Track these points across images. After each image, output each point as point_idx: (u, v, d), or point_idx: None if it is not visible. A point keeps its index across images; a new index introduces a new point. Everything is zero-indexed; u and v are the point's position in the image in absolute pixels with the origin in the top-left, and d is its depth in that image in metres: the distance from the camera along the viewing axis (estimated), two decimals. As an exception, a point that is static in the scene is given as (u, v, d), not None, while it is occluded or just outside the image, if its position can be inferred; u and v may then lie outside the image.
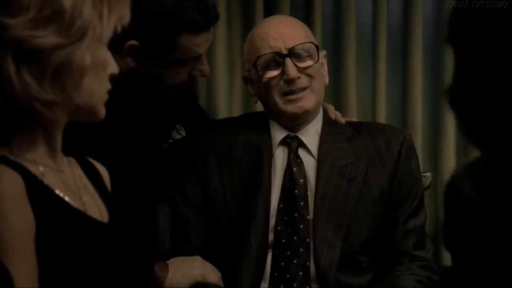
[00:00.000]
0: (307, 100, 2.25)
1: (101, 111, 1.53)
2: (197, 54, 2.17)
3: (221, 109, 2.95)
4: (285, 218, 2.23)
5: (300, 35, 2.26)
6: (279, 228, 2.23)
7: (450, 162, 3.00)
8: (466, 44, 1.09)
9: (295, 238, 2.22)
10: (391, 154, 2.29)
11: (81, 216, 1.51)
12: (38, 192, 1.45)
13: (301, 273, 2.21)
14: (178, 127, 2.51)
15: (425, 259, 2.31)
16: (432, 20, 3.06)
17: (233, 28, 2.97)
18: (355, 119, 2.57)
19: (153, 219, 2.46)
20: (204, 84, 2.94)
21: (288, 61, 2.22)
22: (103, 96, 1.53)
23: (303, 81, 2.24)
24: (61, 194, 1.50)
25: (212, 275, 2.16)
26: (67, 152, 1.60)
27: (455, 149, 3.02)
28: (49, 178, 1.49)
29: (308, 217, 2.23)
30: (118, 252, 1.53)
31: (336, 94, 3.03)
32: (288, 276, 2.21)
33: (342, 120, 2.38)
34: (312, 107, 2.26)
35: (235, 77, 2.95)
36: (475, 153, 1.11)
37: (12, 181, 1.41)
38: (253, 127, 2.33)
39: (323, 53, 2.34)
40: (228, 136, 2.33)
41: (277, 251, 2.23)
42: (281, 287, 2.21)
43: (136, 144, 2.30)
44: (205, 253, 2.25)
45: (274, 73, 2.24)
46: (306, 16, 2.98)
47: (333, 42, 3.04)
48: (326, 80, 2.33)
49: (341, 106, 2.99)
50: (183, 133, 2.53)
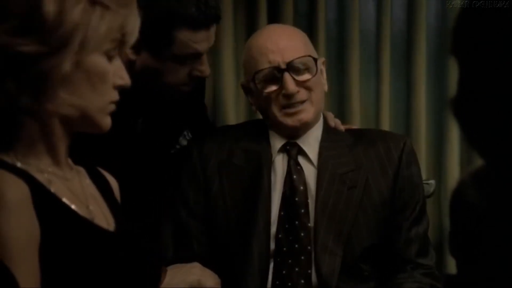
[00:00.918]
0: (306, 112, 2.24)
1: (104, 122, 1.51)
2: (195, 52, 2.16)
3: (227, 116, 2.95)
4: (286, 226, 2.23)
5: (299, 47, 2.24)
6: (280, 236, 2.22)
7: (453, 169, 3.00)
8: (470, 54, 1.09)
9: (296, 246, 2.21)
10: (392, 161, 2.28)
11: (87, 224, 1.50)
12: (44, 200, 1.44)
13: (302, 281, 2.20)
14: (186, 133, 2.51)
15: (428, 266, 2.29)
16: (436, 27, 3.06)
17: (238, 36, 2.97)
18: (355, 127, 2.56)
19: (157, 226, 2.46)
20: (210, 91, 2.94)
21: (287, 76, 2.20)
22: (104, 107, 1.50)
23: (301, 95, 2.23)
24: (68, 202, 1.48)
25: (210, 280, 2.16)
26: (76, 161, 1.59)
27: (459, 157, 3.02)
28: (56, 186, 1.48)
29: (309, 224, 2.22)
30: (124, 261, 1.52)
31: (340, 101, 3.03)
32: (290, 284, 2.20)
33: (342, 128, 2.37)
34: (311, 119, 2.26)
35: (241, 87, 2.94)
36: (479, 160, 1.11)
37: (17, 188, 1.40)
38: (252, 135, 2.33)
39: (321, 60, 2.33)
40: (228, 144, 2.32)
41: (278, 259, 2.22)
42: (283, 295, 2.21)
43: (143, 150, 2.30)
44: (207, 261, 2.25)
45: (273, 87, 2.23)
46: (310, 23, 2.99)
47: (337, 49, 3.04)
48: (325, 87, 2.32)
49: (344, 114, 2.99)
50: None
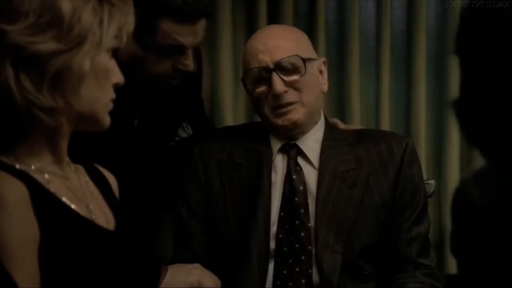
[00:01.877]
0: (296, 113, 2.23)
1: (105, 119, 1.53)
2: (179, 44, 2.14)
3: (226, 116, 2.95)
4: (286, 226, 2.23)
5: (289, 47, 2.23)
6: (280, 236, 2.22)
7: (453, 169, 3.00)
8: (471, 55, 1.09)
9: (297, 245, 2.21)
10: (393, 161, 2.28)
11: (87, 224, 1.51)
12: (44, 200, 1.44)
13: (303, 281, 2.20)
14: (185, 125, 2.51)
15: (429, 267, 2.30)
16: (436, 28, 3.06)
17: (237, 37, 2.97)
18: (358, 127, 2.57)
19: (156, 223, 2.46)
20: (209, 92, 2.94)
21: (274, 76, 2.20)
22: (106, 105, 1.52)
23: (291, 96, 2.22)
24: (68, 202, 1.49)
25: (210, 281, 2.16)
26: (75, 158, 1.59)
27: (459, 157, 3.02)
28: (55, 186, 1.49)
29: (309, 224, 2.22)
30: (124, 260, 1.52)
31: (340, 102, 3.03)
32: (290, 284, 2.21)
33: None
34: (302, 119, 2.24)
35: (240, 85, 2.94)
36: (479, 160, 1.11)
37: (16, 190, 1.41)
38: (253, 136, 2.33)
39: (321, 60, 2.32)
40: (228, 144, 2.33)
41: (279, 259, 2.22)
42: (284, 295, 2.21)
43: (142, 143, 2.30)
44: (207, 261, 2.25)
45: (262, 88, 2.23)
46: (310, 24, 2.99)
47: (337, 50, 3.04)
48: (325, 88, 2.31)
49: (344, 114, 3.00)
50: (190, 132, 2.54)
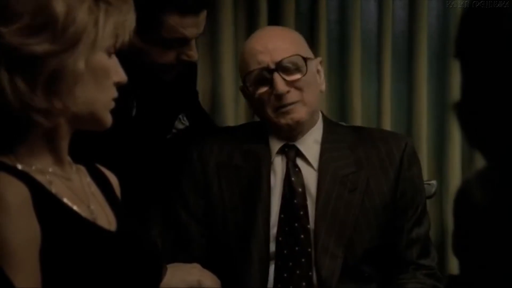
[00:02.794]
0: (298, 112, 2.23)
1: (106, 119, 1.52)
2: (183, 37, 2.15)
3: (227, 117, 2.94)
4: (286, 228, 2.22)
5: (288, 48, 2.23)
6: (280, 238, 2.21)
7: (455, 169, 3.00)
8: (473, 57, 1.09)
9: (297, 248, 2.20)
10: (393, 162, 2.27)
11: (88, 225, 1.50)
12: (45, 201, 1.44)
13: (304, 283, 2.19)
14: (181, 117, 2.51)
15: (430, 267, 2.29)
16: (437, 28, 3.06)
17: (239, 37, 2.96)
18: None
19: (151, 227, 2.45)
20: (210, 92, 2.94)
21: (276, 76, 2.20)
22: (107, 104, 1.51)
23: (293, 95, 2.22)
24: (69, 203, 1.48)
25: (209, 281, 2.16)
26: (75, 153, 1.58)
27: (460, 157, 3.02)
28: (57, 187, 1.48)
29: (309, 226, 2.21)
30: (125, 260, 1.51)
31: (341, 101, 3.03)
32: (291, 287, 2.20)
33: None
34: (304, 118, 2.24)
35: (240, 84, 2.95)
36: (481, 161, 1.11)
37: (17, 191, 1.40)
38: (252, 137, 2.33)
39: (318, 60, 2.32)
40: (227, 146, 2.32)
41: (279, 262, 2.21)
42: (285, 298, 2.21)
43: (140, 133, 2.30)
44: (206, 263, 2.25)
45: (264, 88, 2.23)
46: (311, 24, 2.99)
47: (338, 50, 3.04)
48: (322, 87, 2.31)
49: (346, 114, 2.99)
50: (186, 123, 2.53)
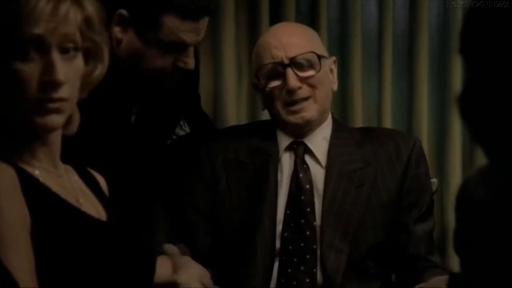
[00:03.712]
0: (309, 110, 2.24)
1: (45, 123, 1.47)
2: (181, 41, 2.13)
3: (228, 117, 2.94)
4: (292, 224, 2.23)
5: (303, 44, 2.25)
6: (286, 234, 2.22)
7: (456, 168, 3.00)
8: (476, 53, 1.09)
9: (302, 245, 2.21)
10: (401, 159, 2.28)
11: (77, 212, 1.50)
12: (33, 188, 1.44)
13: (308, 280, 2.20)
14: (182, 123, 2.51)
15: (437, 264, 2.29)
16: (438, 27, 3.06)
17: (240, 36, 2.96)
18: None
19: (151, 220, 2.45)
20: (211, 91, 2.94)
21: (289, 71, 2.21)
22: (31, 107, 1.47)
23: (304, 91, 2.23)
24: (58, 192, 1.49)
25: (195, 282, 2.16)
26: (66, 160, 1.59)
27: (461, 155, 3.02)
28: (44, 178, 1.49)
29: (315, 223, 2.22)
30: (116, 249, 1.52)
31: (342, 100, 3.03)
32: (295, 283, 2.20)
33: None
34: (314, 117, 2.25)
35: (242, 84, 2.94)
36: (481, 159, 1.11)
37: (6, 174, 1.41)
38: (259, 134, 2.33)
39: (331, 59, 2.33)
40: (234, 143, 2.33)
41: (284, 257, 2.22)
42: (288, 293, 2.21)
43: (139, 140, 2.30)
44: (211, 259, 2.25)
45: (276, 83, 2.24)
46: (312, 22, 2.98)
47: (339, 49, 3.04)
48: (335, 87, 2.32)
49: (346, 113, 3.00)
50: (187, 130, 2.53)
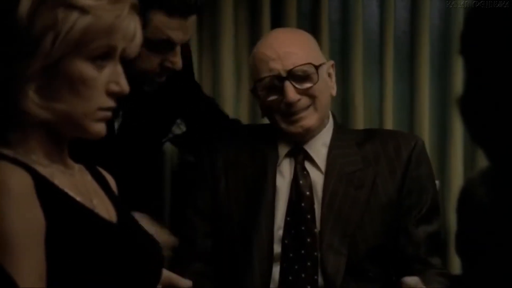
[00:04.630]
0: (309, 119, 2.23)
1: (93, 129, 1.50)
2: (168, 39, 2.12)
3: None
4: (292, 231, 2.21)
5: (300, 54, 2.22)
6: (286, 241, 2.21)
7: (457, 169, 2.99)
8: (478, 54, 1.08)
9: (303, 251, 2.20)
10: (401, 160, 2.26)
11: (92, 215, 1.51)
12: (48, 191, 1.45)
13: (309, 287, 2.19)
14: (179, 122, 2.51)
15: (439, 267, 2.26)
16: (440, 28, 3.05)
17: (240, 38, 2.95)
18: None
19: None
20: (211, 92, 2.93)
21: (287, 85, 2.19)
22: (91, 113, 1.49)
23: (304, 102, 2.22)
24: (72, 194, 1.49)
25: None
26: (73, 158, 1.59)
27: (463, 157, 3.01)
28: (59, 179, 1.49)
29: (316, 230, 2.20)
30: (127, 251, 1.53)
31: (343, 102, 3.03)
32: None
33: None
34: (314, 125, 2.24)
35: (242, 87, 2.93)
36: (483, 160, 1.11)
37: (21, 179, 1.41)
38: (260, 138, 2.32)
39: (329, 63, 2.31)
40: (236, 146, 2.32)
41: (284, 264, 2.21)
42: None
43: (135, 139, 2.29)
44: (210, 261, 2.25)
45: (274, 96, 2.22)
46: (313, 24, 2.98)
47: (340, 50, 3.03)
48: (333, 92, 2.30)
49: (348, 115, 2.99)
50: (184, 128, 2.53)
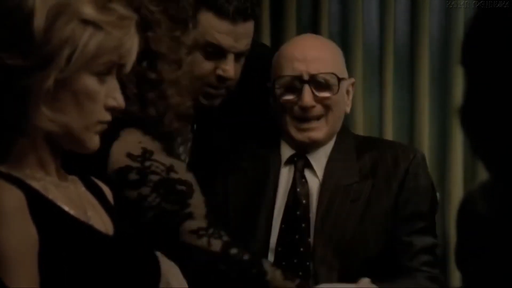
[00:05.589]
0: (318, 131, 2.20)
1: (90, 142, 1.50)
2: (217, 43, 2.11)
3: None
4: (287, 239, 2.19)
5: (326, 62, 2.19)
6: (279, 249, 2.19)
7: (457, 181, 2.99)
8: (479, 66, 1.08)
9: (295, 260, 2.17)
10: (398, 172, 2.22)
11: (86, 228, 1.50)
12: (41, 206, 1.44)
13: None
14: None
15: (432, 272, 2.20)
16: (439, 40, 3.06)
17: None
18: None
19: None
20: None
21: (306, 88, 2.16)
22: (90, 126, 1.49)
23: (317, 110, 2.19)
24: (66, 208, 1.48)
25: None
26: (67, 168, 1.58)
27: (463, 168, 3.01)
28: (52, 193, 1.49)
29: (309, 239, 2.18)
30: (123, 264, 1.52)
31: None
32: None
33: None
34: (322, 138, 2.22)
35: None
36: (484, 172, 1.10)
37: (12, 196, 1.40)
38: (264, 141, 2.30)
39: (350, 81, 2.28)
40: (238, 146, 2.31)
41: None
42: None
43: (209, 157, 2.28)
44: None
45: (290, 96, 2.19)
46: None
47: (340, 62, 3.04)
48: (348, 109, 2.27)
49: (348, 126, 2.97)
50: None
